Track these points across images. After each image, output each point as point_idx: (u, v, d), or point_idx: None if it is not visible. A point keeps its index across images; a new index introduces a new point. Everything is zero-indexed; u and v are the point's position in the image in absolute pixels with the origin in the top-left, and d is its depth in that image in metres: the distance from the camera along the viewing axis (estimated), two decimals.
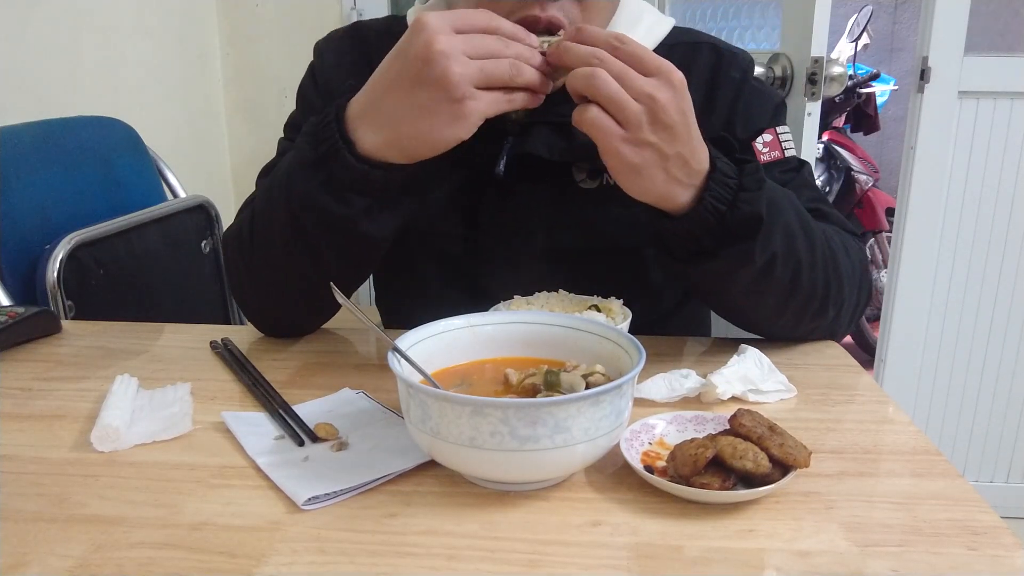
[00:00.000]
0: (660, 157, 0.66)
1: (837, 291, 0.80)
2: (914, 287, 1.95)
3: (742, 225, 0.69)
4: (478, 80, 0.66)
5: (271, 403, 0.70)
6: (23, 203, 1.19)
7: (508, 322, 0.68)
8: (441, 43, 0.65)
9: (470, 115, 0.67)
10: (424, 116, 0.67)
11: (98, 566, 0.49)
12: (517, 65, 0.67)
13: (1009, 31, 2.11)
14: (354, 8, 2.30)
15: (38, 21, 1.62)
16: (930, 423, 2.04)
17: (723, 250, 0.70)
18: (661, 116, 0.65)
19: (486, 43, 0.67)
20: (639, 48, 0.66)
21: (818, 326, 0.82)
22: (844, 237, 0.85)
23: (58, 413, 0.70)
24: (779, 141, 0.89)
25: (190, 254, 1.50)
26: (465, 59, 0.65)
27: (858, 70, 3.43)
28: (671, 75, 0.66)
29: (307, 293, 0.83)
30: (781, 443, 0.56)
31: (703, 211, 0.69)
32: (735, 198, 0.69)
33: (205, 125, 2.35)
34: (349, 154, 0.70)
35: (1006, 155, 1.86)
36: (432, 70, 0.65)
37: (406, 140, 0.69)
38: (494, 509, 0.55)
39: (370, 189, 0.72)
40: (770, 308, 0.78)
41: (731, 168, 0.70)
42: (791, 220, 0.74)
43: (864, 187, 3.36)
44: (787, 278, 0.74)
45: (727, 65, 0.91)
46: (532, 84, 0.68)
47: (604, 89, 0.64)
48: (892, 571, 0.48)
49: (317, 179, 0.72)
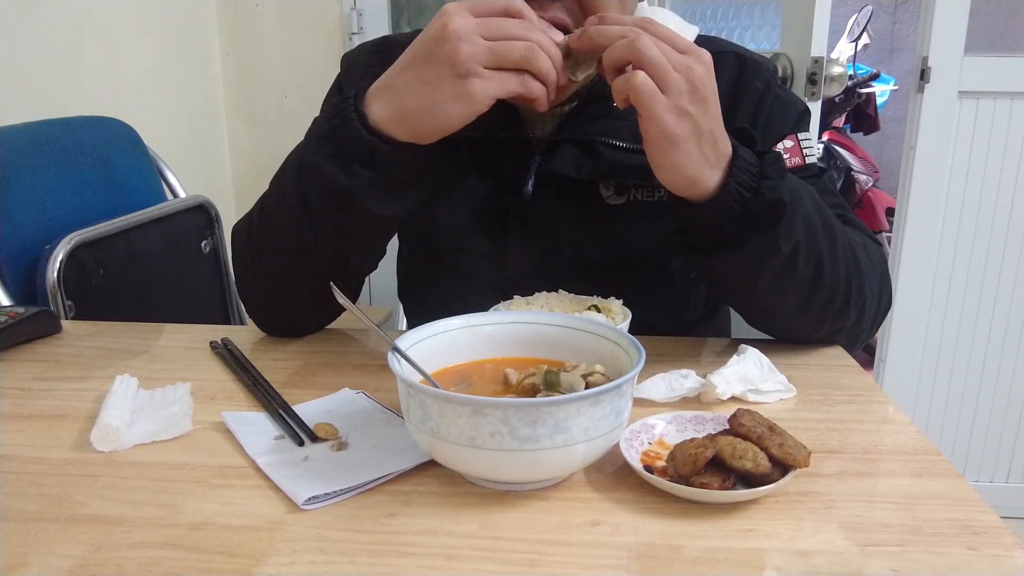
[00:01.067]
0: (696, 130, 0.67)
1: (859, 291, 0.79)
2: (914, 287, 1.95)
3: (766, 211, 0.69)
4: (487, 59, 0.67)
5: (271, 403, 0.70)
6: (23, 203, 1.19)
7: (508, 322, 0.68)
8: (455, 23, 0.67)
9: (475, 93, 0.68)
10: (429, 90, 0.69)
11: (98, 566, 0.49)
12: (532, 48, 0.68)
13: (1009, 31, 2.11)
14: (354, 8, 2.30)
15: (38, 21, 1.62)
16: (930, 423, 2.04)
17: (748, 239, 0.70)
18: (699, 87, 0.66)
19: (503, 25, 0.68)
20: (665, 29, 0.67)
21: (840, 328, 0.82)
22: (864, 240, 0.85)
23: (58, 413, 0.70)
24: (800, 148, 0.89)
25: (190, 254, 1.49)
26: (477, 39, 0.67)
27: (858, 70, 3.44)
28: (701, 54, 0.68)
29: (310, 284, 0.82)
30: (781, 443, 0.56)
31: (727, 196, 0.69)
32: (759, 185, 0.69)
33: (205, 125, 2.35)
34: (360, 126, 0.72)
35: (1006, 155, 1.86)
36: (443, 48, 0.67)
37: (412, 114, 0.71)
38: (494, 509, 0.55)
39: (377, 163, 0.73)
40: (793, 304, 0.78)
41: (752, 156, 0.71)
42: (811, 212, 0.74)
43: (864, 187, 3.37)
44: (809, 271, 0.74)
45: (750, 75, 0.91)
46: (547, 73, 0.69)
47: (648, 52, 0.65)
48: (892, 571, 0.48)
49: (327, 150, 0.73)
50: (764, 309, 0.82)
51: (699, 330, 0.97)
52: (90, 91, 1.79)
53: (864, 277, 0.80)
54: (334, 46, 2.33)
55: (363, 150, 0.72)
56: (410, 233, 1.00)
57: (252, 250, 0.85)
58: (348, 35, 2.31)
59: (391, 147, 0.72)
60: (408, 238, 1.01)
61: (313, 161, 0.74)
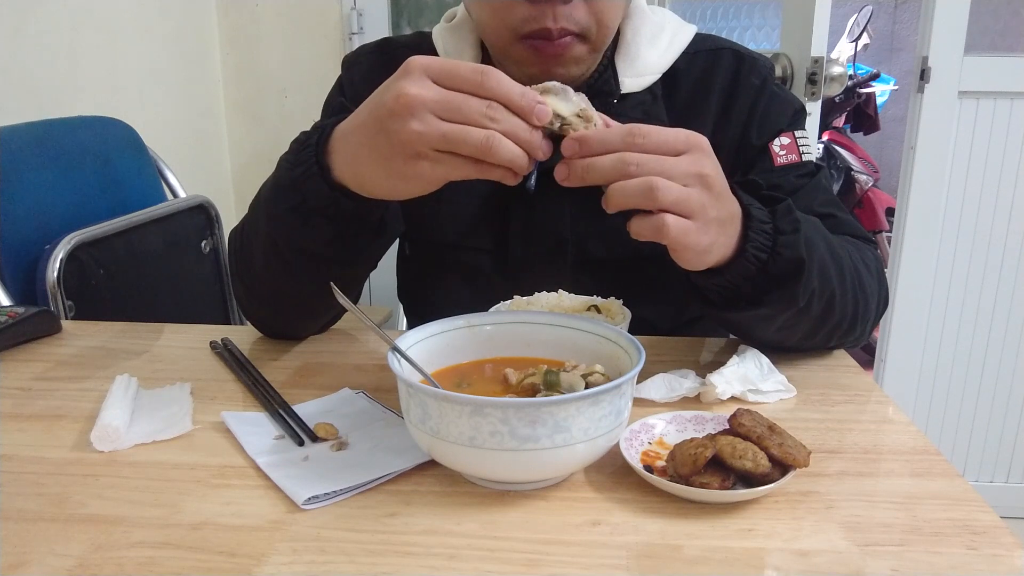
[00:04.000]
0: (720, 226, 0.63)
1: (864, 310, 0.79)
2: (914, 287, 1.95)
3: (785, 270, 0.67)
4: (438, 144, 0.59)
5: (271, 403, 0.70)
6: (23, 203, 1.19)
7: (508, 322, 0.68)
8: (411, 95, 0.58)
9: (423, 176, 0.61)
10: (381, 162, 0.63)
11: (98, 566, 0.49)
12: (492, 139, 0.58)
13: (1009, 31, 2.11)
14: (354, 8, 2.30)
15: (38, 21, 1.62)
16: (930, 423, 2.04)
17: (765, 296, 0.68)
18: (714, 187, 0.61)
19: (465, 105, 0.58)
20: (657, 133, 0.60)
21: (844, 341, 0.82)
22: (862, 249, 0.84)
23: (58, 413, 0.70)
24: (797, 144, 0.89)
25: (190, 254, 1.50)
26: (430, 118, 0.58)
27: (858, 70, 3.44)
28: (699, 143, 0.62)
29: (298, 304, 0.83)
30: (781, 443, 0.56)
31: (744, 262, 0.67)
32: (774, 243, 0.67)
33: (205, 125, 2.35)
34: (323, 180, 0.67)
35: (1006, 155, 1.86)
36: (393, 122, 0.60)
37: (366, 181, 0.66)
38: (494, 509, 0.55)
39: (340, 217, 0.69)
40: (801, 336, 0.77)
41: (764, 213, 0.68)
42: (824, 254, 0.72)
43: (864, 187, 3.37)
44: (820, 310, 0.73)
45: (747, 71, 0.91)
46: (511, 161, 0.59)
47: (670, 196, 0.59)
48: (892, 571, 0.48)
49: (290, 202, 0.70)
50: (773, 342, 0.80)
51: (700, 327, 0.97)
52: (90, 91, 1.79)
53: (868, 295, 0.79)
54: (334, 46, 2.33)
55: (325, 204, 0.68)
56: (412, 231, 1.00)
57: (238, 267, 0.85)
58: (348, 35, 2.31)
59: (354, 203, 0.68)
60: (410, 236, 1.01)
61: (276, 213, 0.72)
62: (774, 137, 0.89)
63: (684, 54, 0.91)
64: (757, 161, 0.89)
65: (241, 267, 0.84)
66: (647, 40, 0.89)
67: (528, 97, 0.59)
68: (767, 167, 0.89)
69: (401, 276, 1.05)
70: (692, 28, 0.94)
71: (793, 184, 0.87)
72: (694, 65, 0.92)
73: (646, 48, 0.89)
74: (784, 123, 0.90)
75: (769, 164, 0.89)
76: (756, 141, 0.89)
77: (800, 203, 0.86)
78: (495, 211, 0.91)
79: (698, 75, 0.91)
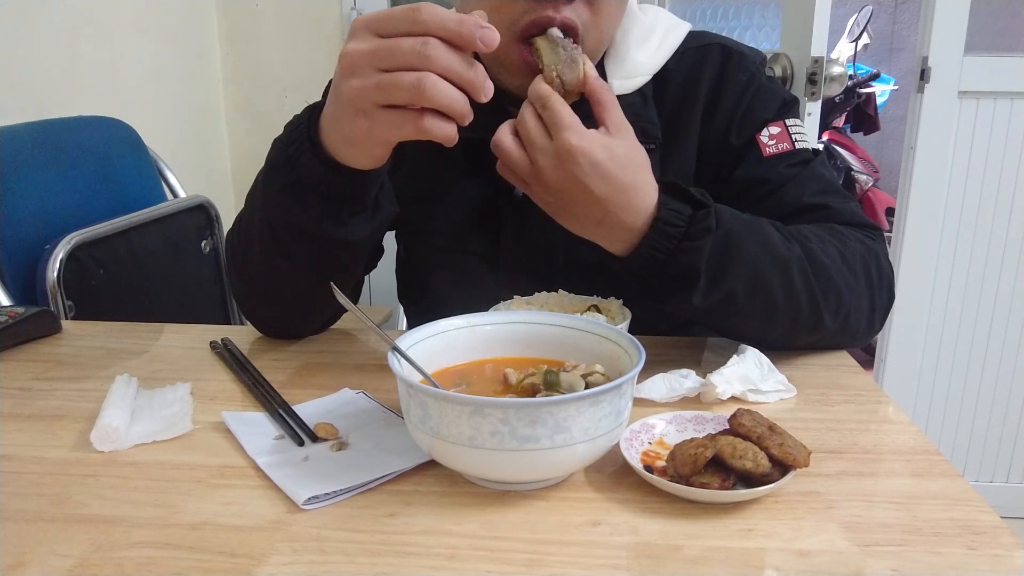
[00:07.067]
0: (559, 204, 0.70)
1: (836, 302, 0.76)
2: (914, 287, 1.95)
3: (679, 275, 0.70)
4: (376, 97, 0.57)
5: (271, 403, 0.70)
6: (23, 203, 1.19)
7: (508, 322, 0.68)
8: (348, 51, 0.57)
9: (367, 138, 0.60)
10: (337, 129, 0.62)
11: (98, 566, 0.49)
12: (423, 80, 0.54)
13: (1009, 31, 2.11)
14: (354, 8, 2.30)
15: (38, 21, 1.62)
16: (930, 423, 2.04)
17: (667, 296, 0.72)
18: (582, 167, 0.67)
19: (397, 48, 0.55)
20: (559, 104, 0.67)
21: (822, 337, 0.79)
22: (843, 239, 0.81)
23: (58, 413, 0.70)
24: (789, 133, 0.88)
25: (190, 254, 1.50)
26: (368, 71, 0.56)
27: (858, 70, 3.44)
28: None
29: (297, 299, 0.82)
30: (781, 443, 0.56)
31: (639, 259, 0.70)
32: (676, 248, 0.69)
33: (205, 125, 2.35)
34: (314, 156, 0.67)
35: (1006, 155, 1.86)
36: (340, 83, 0.58)
37: (338, 149, 0.66)
38: (494, 509, 0.55)
39: (334, 193, 0.69)
40: (751, 330, 0.77)
41: (678, 217, 0.69)
42: (756, 255, 0.72)
43: (864, 187, 3.37)
44: (758, 310, 0.73)
45: (735, 67, 0.90)
46: (449, 105, 0.56)
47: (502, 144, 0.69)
48: (892, 571, 0.48)
49: (283, 180, 0.70)
50: (723, 332, 0.82)
51: (699, 328, 0.97)
52: (90, 91, 1.79)
53: (839, 289, 0.77)
54: (334, 46, 2.33)
55: (317, 181, 0.68)
56: (406, 234, 1.00)
57: (236, 264, 0.85)
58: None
59: (346, 176, 0.68)
60: (404, 239, 1.01)
61: (270, 192, 0.72)
62: (761, 128, 0.87)
63: (675, 53, 0.90)
64: (744, 156, 0.88)
65: (239, 260, 0.84)
66: (636, 41, 0.88)
67: (468, 24, 0.55)
68: (755, 159, 0.87)
69: (400, 278, 1.05)
70: (686, 27, 0.93)
71: (783, 175, 0.86)
72: (683, 63, 0.91)
73: (635, 49, 0.88)
74: (771, 113, 0.88)
75: (757, 156, 0.87)
76: (736, 141, 0.88)
77: (789, 194, 0.86)
78: (487, 215, 0.91)
79: (687, 73, 0.90)
